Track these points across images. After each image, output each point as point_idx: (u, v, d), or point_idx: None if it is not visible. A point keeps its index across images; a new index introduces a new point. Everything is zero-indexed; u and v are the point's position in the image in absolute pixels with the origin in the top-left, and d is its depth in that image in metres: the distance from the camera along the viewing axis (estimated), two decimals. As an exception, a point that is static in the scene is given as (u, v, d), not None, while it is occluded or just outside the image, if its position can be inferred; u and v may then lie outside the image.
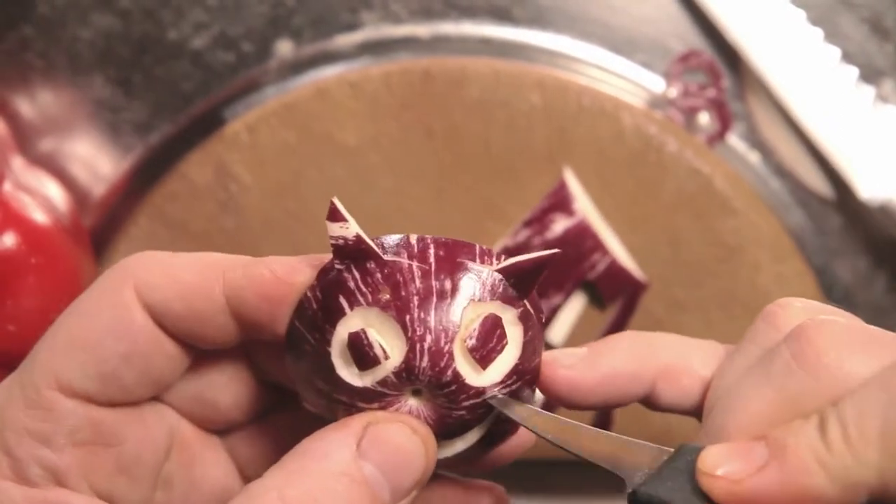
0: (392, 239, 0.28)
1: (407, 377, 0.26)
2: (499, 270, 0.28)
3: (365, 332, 0.26)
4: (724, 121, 0.51)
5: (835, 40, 0.50)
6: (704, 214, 0.49)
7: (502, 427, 0.29)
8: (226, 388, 0.30)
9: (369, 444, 0.25)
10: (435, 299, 0.27)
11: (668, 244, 0.49)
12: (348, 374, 0.27)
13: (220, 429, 0.31)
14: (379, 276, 0.27)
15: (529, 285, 0.28)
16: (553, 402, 0.30)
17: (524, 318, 0.28)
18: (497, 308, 0.27)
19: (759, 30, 0.50)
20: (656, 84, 0.51)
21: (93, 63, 0.51)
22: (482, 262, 0.28)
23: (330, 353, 0.27)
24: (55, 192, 0.48)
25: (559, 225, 0.48)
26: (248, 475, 0.31)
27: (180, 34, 0.51)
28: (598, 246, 0.48)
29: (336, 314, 0.27)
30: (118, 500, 0.28)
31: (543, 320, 0.29)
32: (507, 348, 0.28)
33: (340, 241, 0.27)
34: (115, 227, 0.50)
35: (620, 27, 0.51)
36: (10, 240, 0.43)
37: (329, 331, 0.27)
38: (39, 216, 0.44)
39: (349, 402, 0.27)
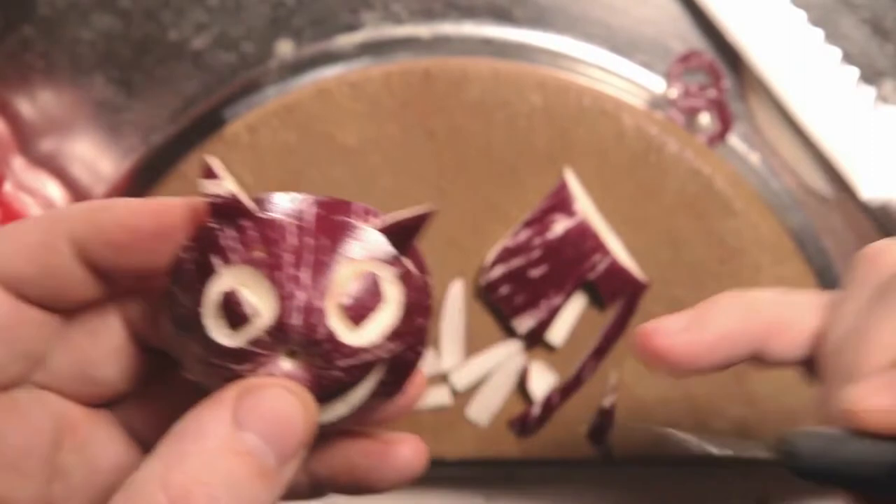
0: (272, 197, 0.27)
1: (279, 336, 0.26)
2: (380, 229, 0.27)
3: (236, 291, 0.26)
4: (725, 121, 0.50)
5: (835, 41, 0.50)
6: (705, 215, 0.49)
7: (388, 387, 0.28)
8: (106, 358, 0.29)
9: (245, 413, 0.25)
10: (309, 255, 0.26)
11: (669, 245, 0.49)
12: (220, 334, 0.26)
13: (107, 402, 0.29)
14: (253, 233, 0.26)
15: (409, 242, 0.27)
16: (661, 369, 0.30)
17: (405, 279, 0.27)
18: (375, 266, 0.27)
19: (760, 30, 0.50)
20: (657, 85, 0.51)
21: (93, 63, 0.51)
22: (364, 220, 0.27)
23: (202, 314, 0.26)
24: (56, 192, 0.48)
25: (560, 225, 0.48)
26: (147, 445, 0.29)
27: (181, 35, 0.51)
28: (599, 246, 0.48)
29: (208, 273, 0.26)
30: (9, 500, 0.27)
31: (430, 284, 0.28)
32: (385, 307, 0.27)
33: (215, 199, 0.27)
34: (115, 228, 0.50)
35: (621, 28, 0.51)
36: (10, 240, 0.43)
37: (201, 291, 0.26)
38: (40, 216, 0.44)
39: (222, 364, 0.26)
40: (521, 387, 0.49)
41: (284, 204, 0.27)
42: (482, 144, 0.49)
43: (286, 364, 0.26)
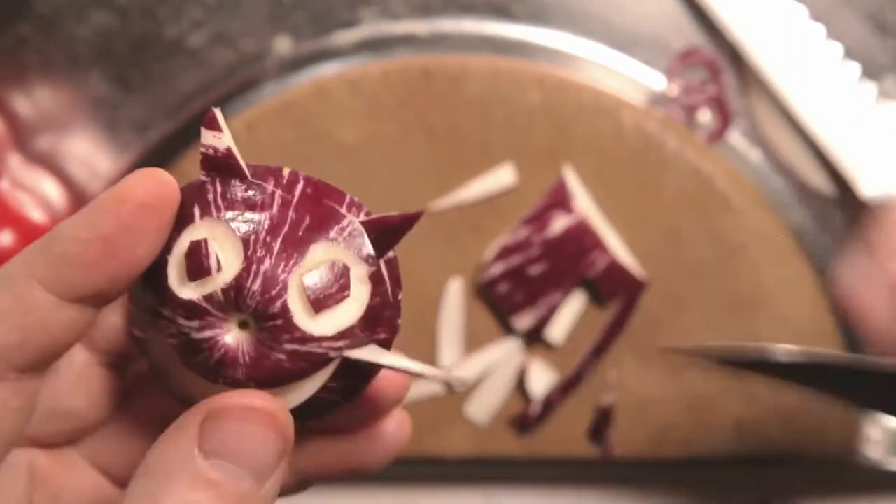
0: (265, 166, 0.27)
1: (235, 298, 0.25)
2: (363, 222, 0.27)
3: (206, 242, 0.25)
4: (725, 118, 0.50)
5: (836, 37, 0.50)
6: (705, 212, 0.49)
7: (336, 393, 0.27)
8: (72, 387, 0.27)
9: (211, 440, 0.23)
10: (286, 228, 0.26)
11: (669, 242, 0.49)
12: (177, 284, 0.25)
13: (73, 438, 0.28)
14: (239, 193, 0.26)
15: (390, 243, 0.27)
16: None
17: (375, 281, 0.26)
18: (348, 258, 0.26)
19: (761, 27, 0.49)
20: (657, 81, 0.51)
21: (90, 60, 0.51)
22: (349, 210, 0.27)
23: (168, 261, 0.25)
24: (53, 190, 0.48)
25: (559, 223, 0.48)
26: (115, 478, 0.28)
27: (178, 32, 0.51)
28: (598, 244, 0.48)
29: (186, 221, 0.26)
30: None
31: (400, 300, 0.27)
32: (347, 302, 0.26)
33: (210, 151, 0.26)
34: (113, 226, 0.50)
35: (621, 24, 0.51)
36: (7, 238, 0.43)
37: (174, 237, 0.25)
38: (37, 214, 0.44)
39: (171, 316, 0.25)
40: (521, 385, 0.49)
41: (275, 174, 0.27)
42: (481, 142, 0.49)
43: (235, 332, 0.25)
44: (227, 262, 0.25)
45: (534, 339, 0.49)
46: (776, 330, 0.49)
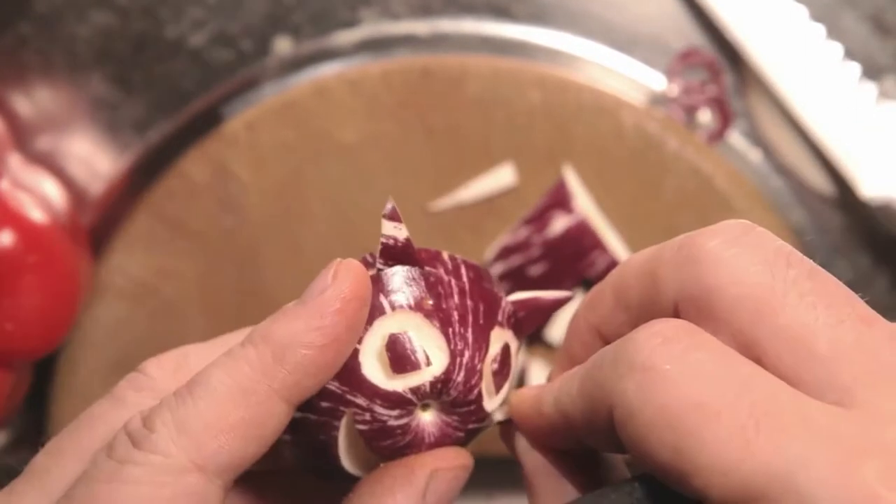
0: (424, 250, 0.28)
1: (441, 389, 0.26)
2: (515, 302, 0.28)
3: (409, 336, 0.26)
4: (725, 118, 0.50)
5: (836, 37, 0.50)
6: (705, 212, 0.49)
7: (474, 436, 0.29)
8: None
9: (435, 493, 0.26)
10: (471, 317, 0.27)
11: (669, 242, 0.49)
12: (379, 375, 0.26)
13: None
14: (423, 283, 0.27)
15: (539, 322, 0.28)
16: None
17: (517, 353, 0.28)
18: (510, 338, 0.28)
19: (761, 27, 0.49)
20: (657, 82, 0.51)
21: (91, 60, 0.51)
22: (497, 289, 0.28)
23: (360, 351, 0.26)
24: (53, 190, 0.48)
25: (559, 223, 0.48)
26: None
27: (178, 31, 0.51)
28: (598, 244, 0.48)
29: (375, 312, 0.26)
30: None
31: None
32: (509, 379, 0.28)
33: (390, 242, 0.27)
34: (113, 226, 0.50)
35: (621, 24, 0.51)
36: (7, 238, 0.43)
37: (364, 328, 0.26)
38: (37, 214, 0.44)
39: (366, 405, 0.26)
40: (521, 385, 0.49)
41: (439, 260, 0.28)
42: (481, 142, 0.49)
43: (426, 416, 0.27)
44: (434, 356, 0.26)
45: (534, 339, 0.49)
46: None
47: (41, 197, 0.46)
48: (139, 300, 0.49)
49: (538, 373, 0.49)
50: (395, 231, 0.27)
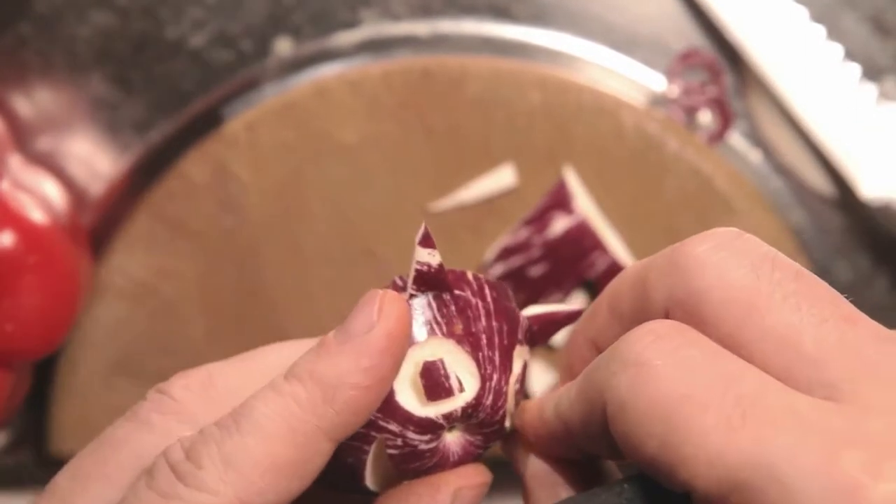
0: (451, 271, 0.28)
1: (471, 413, 0.27)
2: (530, 317, 0.28)
3: (443, 363, 0.26)
4: (725, 119, 0.50)
5: (837, 38, 0.50)
6: (705, 213, 0.49)
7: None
8: None
9: None
10: (497, 339, 0.27)
11: (669, 243, 0.49)
12: (411, 402, 0.26)
13: None
14: (453, 308, 0.27)
15: (550, 335, 0.29)
16: None
17: (528, 367, 0.29)
18: (526, 353, 0.28)
19: (761, 27, 0.49)
20: (657, 82, 0.51)
21: (91, 61, 0.51)
22: (516, 306, 0.28)
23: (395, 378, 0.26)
24: (53, 190, 0.48)
25: (559, 223, 0.48)
26: None
27: (179, 32, 0.51)
28: (598, 245, 0.48)
29: (410, 341, 0.26)
30: None
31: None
32: (522, 394, 0.28)
33: (424, 268, 0.27)
34: (113, 226, 0.50)
35: (621, 25, 0.51)
36: (7, 239, 0.43)
37: None
38: (37, 215, 0.44)
39: (399, 431, 0.26)
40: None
41: (464, 280, 0.28)
42: (481, 142, 0.49)
43: (450, 438, 0.27)
44: (466, 382, 0.26)
45: (534, 339, 0.49)
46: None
47: (41, 197, 0.46)
48: (139, 300, 0.49)
49: (538, 375, 0.49)
50: (430, 258, 0.27)
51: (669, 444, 0.21)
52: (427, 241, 0.27)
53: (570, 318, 0.29)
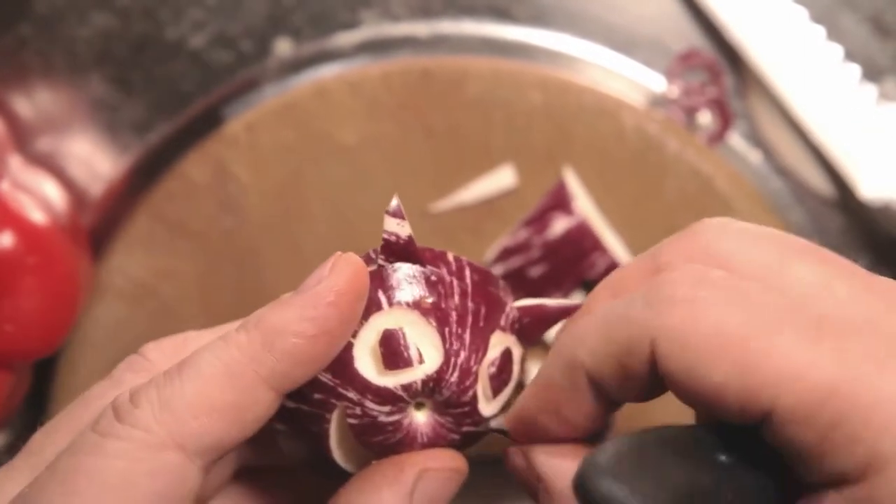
0: (429, 249, 0.27)
1: (432, 388, 0.26)
2: (520, 308, 0.28)
3: (403, 333, 0.26)
4: (725, 120, 0.50)
5: (836, 39, 0.50)
6: (705, 214, 0.49)
7: (471, 440, 0.29)
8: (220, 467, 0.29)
9: (423, 494, 0.26)
10: (470, 319, 0.27)
11: (669, 244, 0.49)
12: (371, 370, 0.26)
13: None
14: (423, 281, 0.27)
15: (542, 329, 0.28)
16: None
17: (521, 362, 0.29)
18: (512, 343, 0.28)
19: (761, 28, 0.49)
20: (657, 83, 0.51)
21: (91, 62, 0.51)
22: (506, 296, 0.28)
23: (353, 344, 0.26)
24: (53, 191, 0.48)
25: (559, 224, 0.48)
26: None
27: (179, 33, 0.51)
28: (598, 245, 0.48)
29: (372, 307, 0.26)
30: None
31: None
32: (509, 385, 0.28)
33: (393, 238, 0.27)
34: (113, 227, 0.50)
35: (621, 26, 0.51)
36: (7, 239, 0.43)
37: (361, 323, 0.26)
38: (37, 216, 0.44)
39: (357, 399, 0.26)
40: (521, 386, 0.49)
41: (443, 260, 0.27)
42: (481, 143, 0.49)
43: (419, 416, 0.27)
44: (428, 354, 0.26)
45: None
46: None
47: (41, 198, 0.46)
48: (139, 301, 0.49)
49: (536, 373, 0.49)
50: (398, 228, 0.27)
51: (746, 367, 0.21)
52: (397, 213, 0.27)
53: (563, 312, 0.28)
